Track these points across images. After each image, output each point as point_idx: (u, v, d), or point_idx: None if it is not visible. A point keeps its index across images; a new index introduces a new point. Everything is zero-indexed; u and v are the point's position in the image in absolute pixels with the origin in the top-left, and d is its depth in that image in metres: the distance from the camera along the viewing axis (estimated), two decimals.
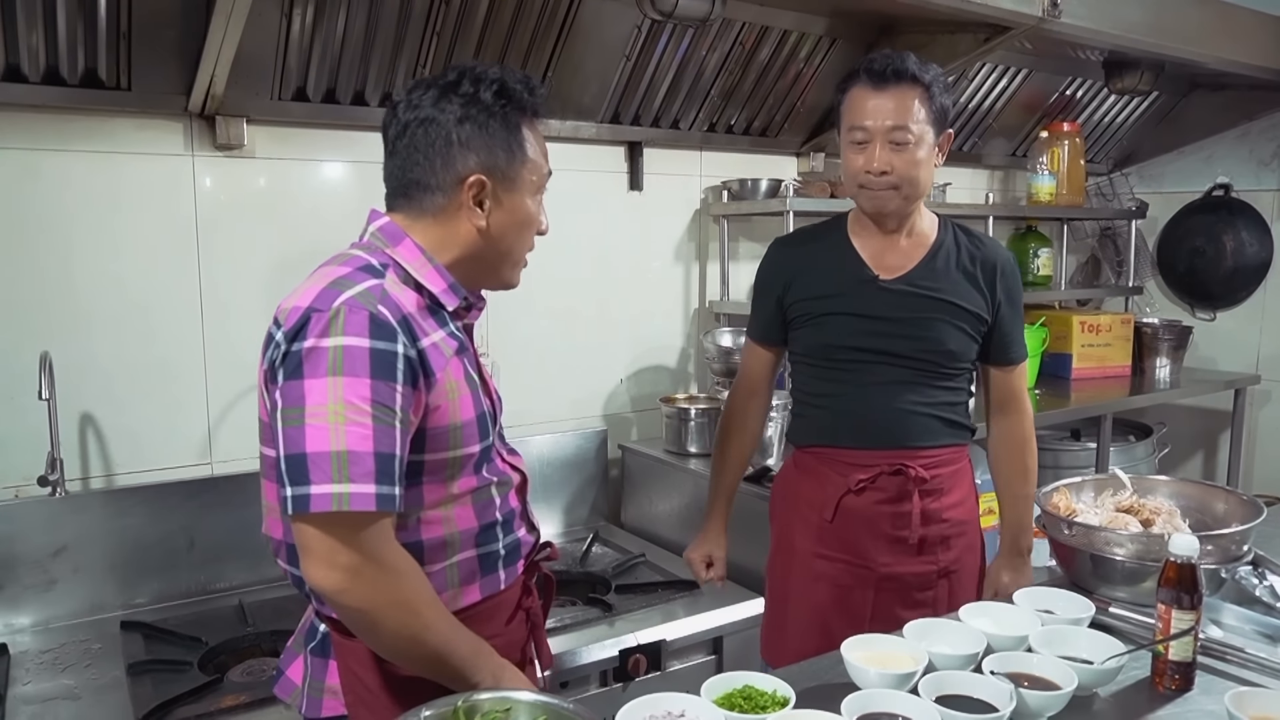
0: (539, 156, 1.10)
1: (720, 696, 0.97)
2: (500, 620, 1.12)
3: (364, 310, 0.95)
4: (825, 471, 1.55)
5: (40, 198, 1.76)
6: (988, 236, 1.61)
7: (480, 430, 1.07)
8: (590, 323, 2.45)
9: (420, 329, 1.01)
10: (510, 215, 1.08)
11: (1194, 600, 1.09)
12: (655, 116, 2.38)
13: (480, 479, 1.09)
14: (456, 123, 1.04)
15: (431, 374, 1.00)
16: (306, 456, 0.91)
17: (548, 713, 0.86)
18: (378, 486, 0.92)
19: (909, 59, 1.45)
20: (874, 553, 1.51)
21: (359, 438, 0.91)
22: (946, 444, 1.53)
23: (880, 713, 0.96)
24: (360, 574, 0.93)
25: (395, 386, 0.94)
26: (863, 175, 1.46)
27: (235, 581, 1.92)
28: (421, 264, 1.06)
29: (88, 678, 1.56)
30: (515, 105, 1.06)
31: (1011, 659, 1.08)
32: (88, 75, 1.71)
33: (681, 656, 1.80)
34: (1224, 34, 2.63)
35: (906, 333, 1.48)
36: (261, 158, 1.97)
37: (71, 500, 1.78)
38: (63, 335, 1.79)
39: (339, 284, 0.98)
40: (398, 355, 0.95)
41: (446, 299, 1.07)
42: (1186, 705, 1.09)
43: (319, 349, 0.93)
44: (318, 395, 0.92)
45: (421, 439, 1.00)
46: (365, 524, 0.93)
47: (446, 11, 1.91)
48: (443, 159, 1.04)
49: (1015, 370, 1.59)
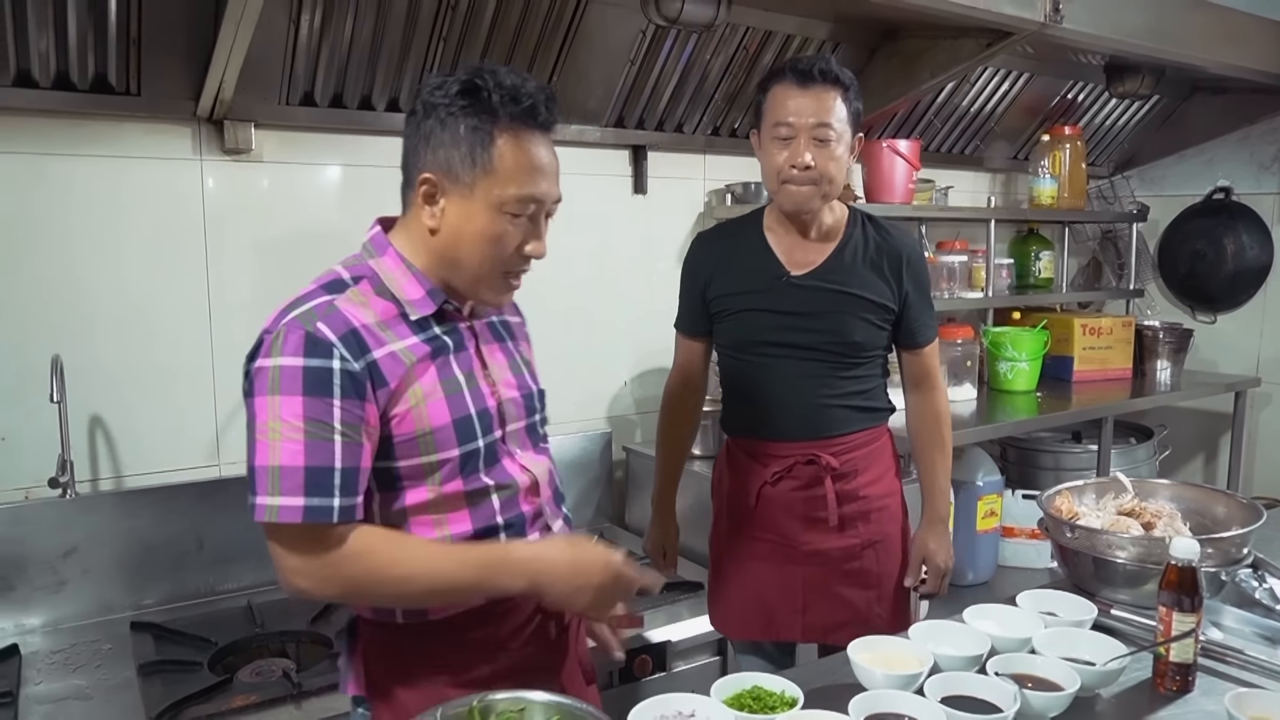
0: (512, 172, 1.03)
1: (730, 697, 0.99)
2: (514, 625, 1.12)
3: (300, 329, 0.99)
4: (748, 462, 1.65)
5: (51, 202, 1.78)
6: (895, 226, 1.67)
7: (461, 434, 1.06)
8: (595, 325, 2.46)
9: (374, 340, 1.02)
10: (464, 223, 1.05)
11: (1195, 603, 1.10)
12: (659, 120, 2.40)
13: (472, 482, 1.08)
14: (425, 116, 1.04)
15: (384, 384, 1.01)
16: (254, 470, 0.99)
17: (562, 713, 0.88)
18: (307, 499, 0.96)
19: (831, 61, 1.53)
20: (796, 534, 1.62)
21: (290, 453, 0.96)
22: (859, 429, 1.62)
23: (887, 713, 0.98)
24: (309, 574, 1.00)
25: (332, 402, 0.97)
26: (786, 170, 1.52)
27: (244, 582, 1.93)
28: (402, 274, 1.07)
29: (99, 678, 1.57)
30: (483, 109, 1.02)
31: (1015, 660, 1.10)
32: (98, 80, 1.73)
33: (686, 657, 1.82)
34: (1224, 38, 2.64)
35: (815, 326, 1.57)
36: (269, 162, 1.98)
37: (81, 502, 1.79)
38: (72, 338, 1.80)
39: (293, 304, 1.03)
40: (333, 371, 0.98)
41: (421, 306, 1.07)
42: (1187, 706, 1.10)
43: (263, 369, 0.99)
44: (261, 413, 0.98)
45: (389, 447, 1.03)
46: (306, 533, 0.98)
47: (453, 17, 1.92)
48: (414, 153, 1.06)
49: (925, 351, 1.68)
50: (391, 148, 2.05)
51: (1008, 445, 3.01)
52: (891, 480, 1.69)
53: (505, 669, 1.10)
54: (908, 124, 2.84)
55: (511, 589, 1.04)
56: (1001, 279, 2.89)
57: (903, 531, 1.70)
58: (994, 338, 2.81)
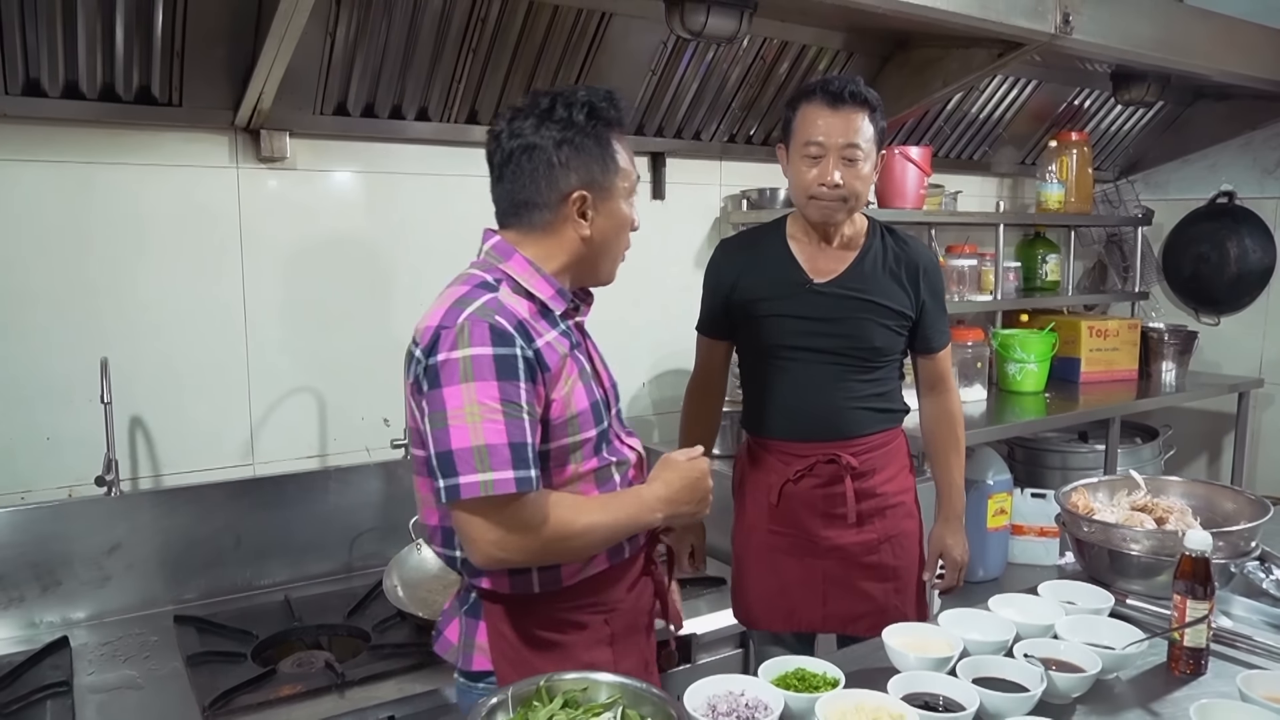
0: (629, 164, 1.22)
1: (776, 678, 1.05)
2: (625, 585, 1.25)
3: (484, 322, 1.09)
4: (770, 460, 1.72)
5: (97, 209, 1.83)
6: (912, 238, 1.74)
7: (595, 417, 1.20)
8: (613, 327, 2.48)
9: (534, 331, 1.14)
10: (610, 220, 1.21)
11: (1207, 591, 1.16)
12: (678, 128, 2.46)
13: (601, 460, 1.22)
14: (555, 146, 1.16)
15: (548, 369, 1.13)
16: (453, 453, 1.07)
17: (624, 692, 0.93)
18: (515, 471, 1.07)
19: (859, 82, 1.59)
20: (816, 529, 1.68)
21: (494, 432, 1.06)
22: (877, 431, 1.69)
23: (923, 692, 1.04)
24: (508, 544, 1.09)
25: (519, 384, 1.09)
26: (815, 188, 1.58)
27: (280, 578, 1.99)
28: (531, 274, 1.19)
29: (148, 668, 1.63)
30: (604, 122, 1.18)
31: (1040, 645, 1.16)
32: (141, 92, 1.79)
33: (710, 650, 1.87)
34: (1229, 47, 2.70)
35: (837, 331, 1.63)
36: (303, 169, 2.04)
37: (124, 500, 1.84)
38: (117, 340, 1.86)
39: (461, 302, 1.13)
40: (517, 357, 1.09)
41: (555, 303, 1.20)
42: (1200, 687, 1.17)
43: (451, 360, 1.08)
44: (455, 400, 1.07)
45: (546, 429, 1.14)
46: (508, 504, 1.08)
47: (482, 30, 1.98)
48: (547, 180, 1.17)
49: (939, 356, 1.76)
50: (421, 155, 2.16)
51: (1016, 445, 3.07)
52: (906, 477, 1.75)
53: (620, 629, 1.23)
54: (918, 131, 2.91)
55: (652, 522, 1.20)
56: (1009, 282, 2.94)
57: (917, 527, 1.76)
58: (1003, 340, 2.87)
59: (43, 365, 1.81)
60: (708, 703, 0.99)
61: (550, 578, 1.19)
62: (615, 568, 1.23)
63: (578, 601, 1.21)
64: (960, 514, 1.79)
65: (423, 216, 2.18)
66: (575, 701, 0.93)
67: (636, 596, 1.29)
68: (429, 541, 1.26)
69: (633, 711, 0.92)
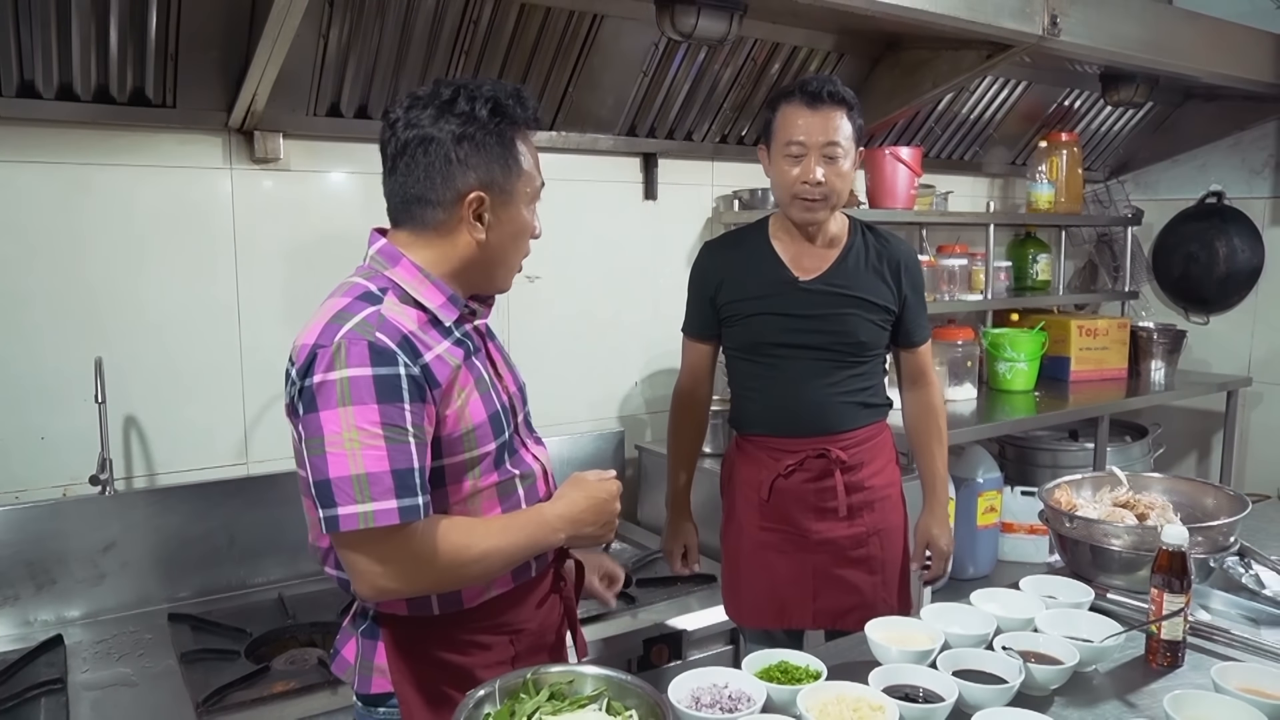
0: (533, 168, 1.15)
1: (760, 670, 1.07)
2: (532, 604, 1.21)
3: (363, 340, 1.01)
4: (760, 456, 1.73)
5: (91, 210, 1.85)
6: (892, 235, 1.77)
7: (495, 428, 1.13)
8: (606, 327, 2.53)
9: (422, 345, 1.07)
10: (508, 226, 1.13)
11: (1184, 585, 1.18)
12: (670, 129, 2.47)
13: (502, 473, 1.15)
14: (455, 141, 1.07)
15: (438, 385, 1.06)
16: (331, 483, 1.00)
17: (609, 684, 0.95)
18: (399, 500, 1.00)
19: (836, 81, 1.61)
20: (807, 523, 1.70)
21: (375, 459, 0.99)
22: (864, 425, 1.72)
23: (903, 684, 1.06)
24: (396, 576, 1.03)
25: (403, 406, 1.01)
26: (798, 186, 1.61)
27: (274, 576, 2.00)
28: (420, 282, 1.11)
29: (142, 666, 1.64)
30: (509, 120, 1.10)
31: (1020, 638, 1.18)
32: (135, 93, 1.80)
33: (701, 646, 1.89)
34: (1217, 49, 2.72)
35: (823, 328, 1.66)
36: (296, 170, 2.06)
37: (119, 499, 1.86)
38: (112, 340, 1.87)
39: (339, 317, 1.04)
40: (400, 377, 1.02)
41: (445, 312, 1.12)
42: (1177, 679, 1.19)
43: (327, 382, 1.00)
44: (333, 425, 1.00)
45: (439, 446, 1.08)
46: (393, 535, 1.01)
47: (475, 31, 2.00)
48: (443, 177, 1.08)
49: (921, 350, 1.79)
50: None
51: (1007, 443, 3.09)
52: (893, 471, 1.78)
53: (524, 650, 1.18)
54: (909, 131, 2.93)
55: (554, 542, 1.14)
56: (1000, 281, 2.97)
57: (904, 520, 1.79)
58: (993, 339, 2.89)
59: (38, 365, 1.82)
60: (691, 695, 1.01)
61: (450, 600, 1.13)
62: (521, 588, 1.18)
63: (481, 623, 1.15)
64: (945, 504, 1.82)
65: None
66: (562, 694, 0.95)
67: (544, 615, 1.24)
68: (322, 564, 1.17)
69: (618, 703, 0.93)
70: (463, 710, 0.90)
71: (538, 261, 2.42)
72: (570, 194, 2.40)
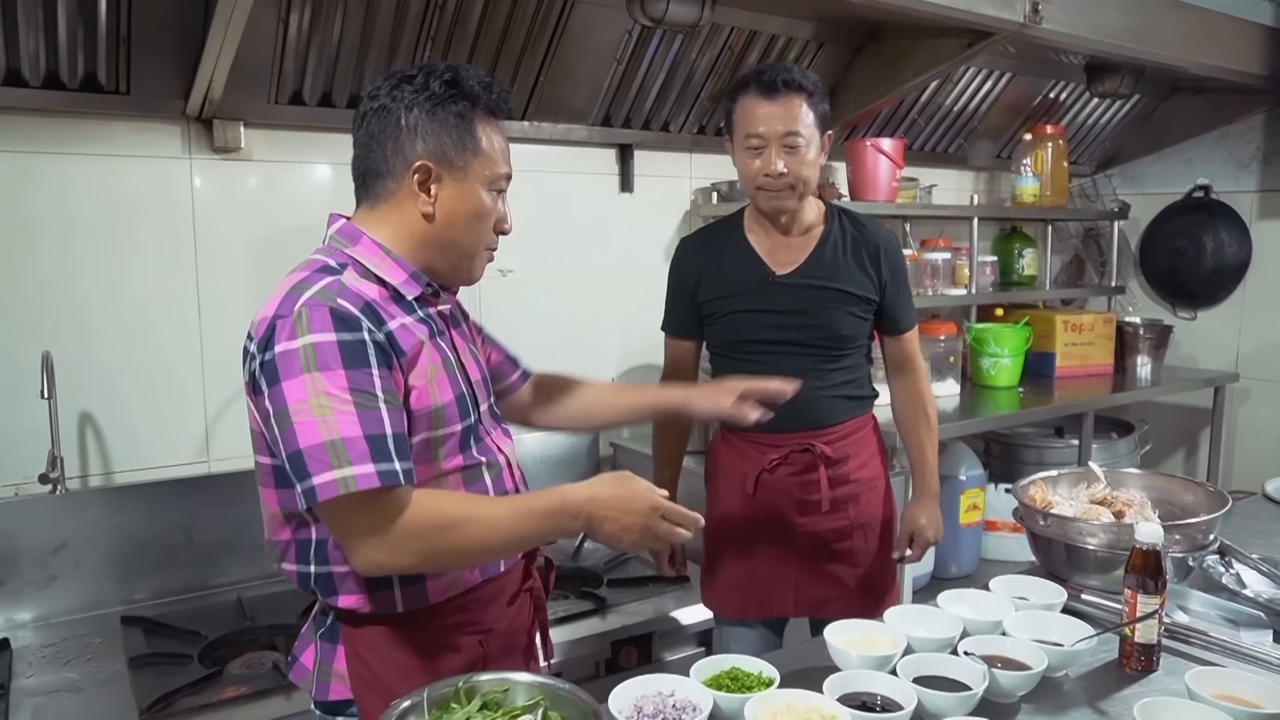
0: (494, 154, 1.11)
1: (709, 677, 1.02)
2: (502, 602, 1.16)
3: (324, 306, 0.99)
4: (745, 450, 1.70)
5: (41, 200, 1.79)
6: (870, 219, 1.74)
7: (460, 410, 1.10)
8: (582, 321, 2.49)
9: (385, 313, 1.05)
10: (459, 203, 1.09)
11: (1158, 585, 1.14)
12: (646, 119, 2.43)
13: (468, 458, 1.12)
14: (406, 109, 1.06)
15: (403, 353, 1.04)
16: (303, 453, 0.96)
17: (545, 693, 0.90)
18: (376, 464, 0.96)
19: (794, 69, 1.58)
20: (791, 516, 1.67)
21: (347, 424, 0.96)
22: (849, 418, 1.69)
23: (859, 691, 1.01)
24: (390, 546, 0.98)
25: (370, 371, 0.99)
26: (760, 178, 1.58)
27: (234, 577, 1.95)
28: (381, 259, 1.09)
29: (90, 671, 1.59)
30: (467, 98, 1.08)
31: (986, 642, 1.13)
32: (87, 79, 1.74)
33: (672, 648, 1.85)
34: (1202, 39, 2.69)
35: (803, 323, 1.63)
36: (258, 160, 2.00)
37: (71, 498, 1.80)
38: (63, 335, 1.81)
39: (298, 288, 1.02)
40: (365, 342, 0.99)
41: (408, 288, 1.09)
42: (1151, 684, 1.14)
43: (290, 351, 0.98)
44: (298, 393, 0.97)
45: (408, 420, 1.04)
46: (380, 501, 0.97)
47: (441, 16, 1.94)
48: (393, 144, 1.07)
49: (906, 337, 1.75)
50: None
51: (991, 440, 3.05)
52: (878, 464, 1.75)
53: (491, 652, 1.13)
54: (892, 123, 2.88)
55: (571, 529, 1.06)
56: (985, 276, 2.93)
57: (887, 513, 1.76)
58: (977, 334, 2.85)
59: None
60: (634, 704, 0.96)
61: (415, 595, 1.08)
62: (490, 584, 1.14)
63: (448, 621, 1.11)
64: (935, 491, 1.79)
65: None
66: (495, 703, 0.90)
67: (514, 615, 1.19)
68: (280, 560, 1.13)
69: (554, 713, 0.89)
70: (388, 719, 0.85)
71: (511, 255, 2.41)
72: (544, 186, 2.35)
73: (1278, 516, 1.86)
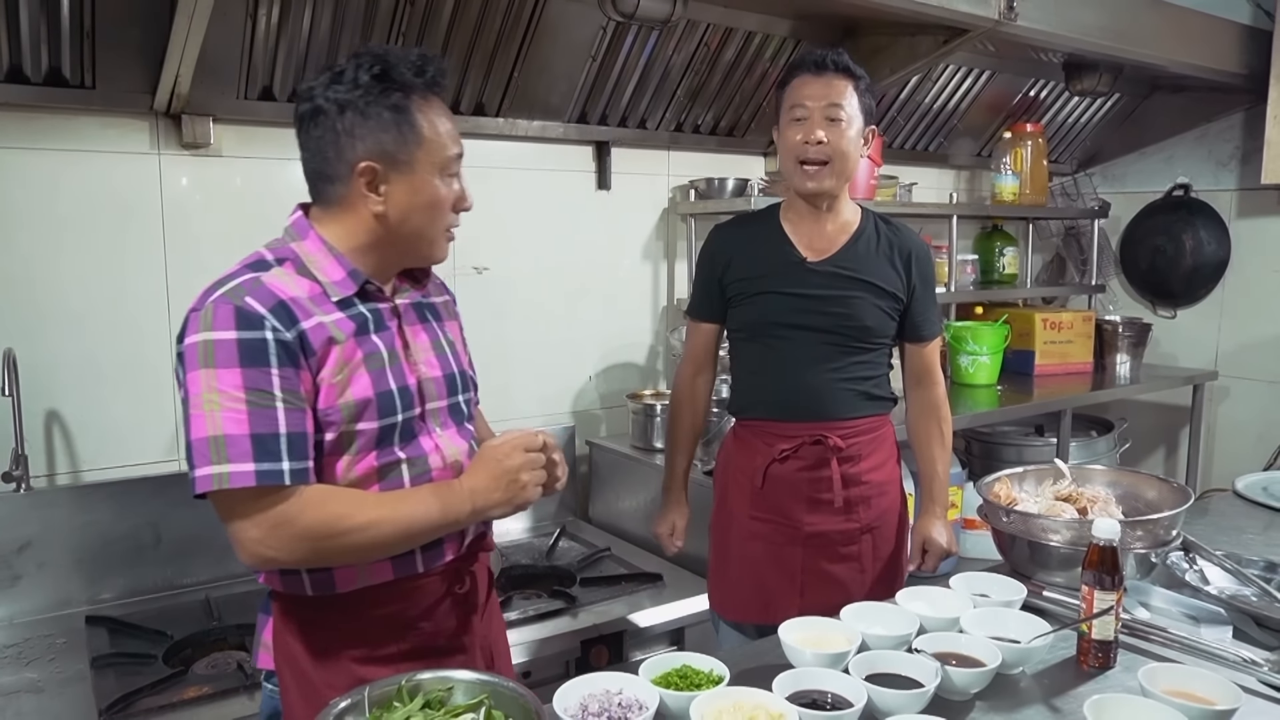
0: (438, 136, 1.09)
1: (658, 676, 1.01)
2: (425, 602, 1.14)
3: (230, 304, 1.01)
4: (755, 442, 1.69)
5: (4, 195, 1.77)
6: (904, 225, 1.73)
7: (383, 407, 1.08)
8: (559, 320, 2.48)
9: (303, 312, 1.04)
10: (412, 197, 1.09)
11: (1115, 581, 1.13)
12: (622, 116, 2.41)
13: (384, 455, 1.10)
14: (339, 112, 1.05)
15: (314, 352, 1.04)
16: (192, 444, 0.99)
17: (488, 690, 0.89)
18: (256, 464, 0.97)
19: (844, 55, 1.60)
20: (799, 514, 1.65)
21: (234, 422, 0.98)
22: (865, 415, 1.67)
23: (810, 689, 1.00)
24: (271, 542, 1.00)
25: (269, 370, 1.00)
26: (800, 148, 1.59)
27: (202, 577, 1.93)
28: (323, 256, 1.09)
29: (51, 671, 1.57)
30: (399, 86, 1.05)
31: (941, 639, 1.13)
32: (51, 74, 1.73)
33: (644, 647, 1.84)
34: (1179, 38, 2.69)
35: (829, 309, 1.62)
36: (228, 156, 1.99)
37: (36, 496, 1.79)
38: (28, 333, 1.80)
39: (218, 283, 1.04)
40: (267, 341, 1.00)
41: (341, 287, 1.09)
42: (1106, 681, 1.14)
43: (193, 345, 1.00)
44: (196, 386, 0.99)
45: (316, 419, 1.04)
46: (262, 498, 0.99)
47: (412, 11, 1.93)
48: (334, 149, 1.06)
49: (928, 346, 1.74)
50: None
51: (970, 438, 3.05)
52: (893, 468, 1.74)
53: (413, 648, 1.11)
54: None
55: (461, 514, 1.06)
56: (966, 274, 2.93)
57: (900, 519, 1.74)
58: (955, 332, 2.85)
59: None
60: (580, 703, 0.95)
61: (323, 582, 1.08)
62: (407, 581, 1.11)
63: (364, 611, 1.10)
64: (945, 507, 1.77)
65: None
66: (438, 701, 0.89)
67: (443, 617, 1.15)
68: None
69: (498, 712, 0.88)
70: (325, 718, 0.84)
71: (487, 253, 2.40)
72: (520, 183, 2.34)
73: (1248, 513, 1.86)
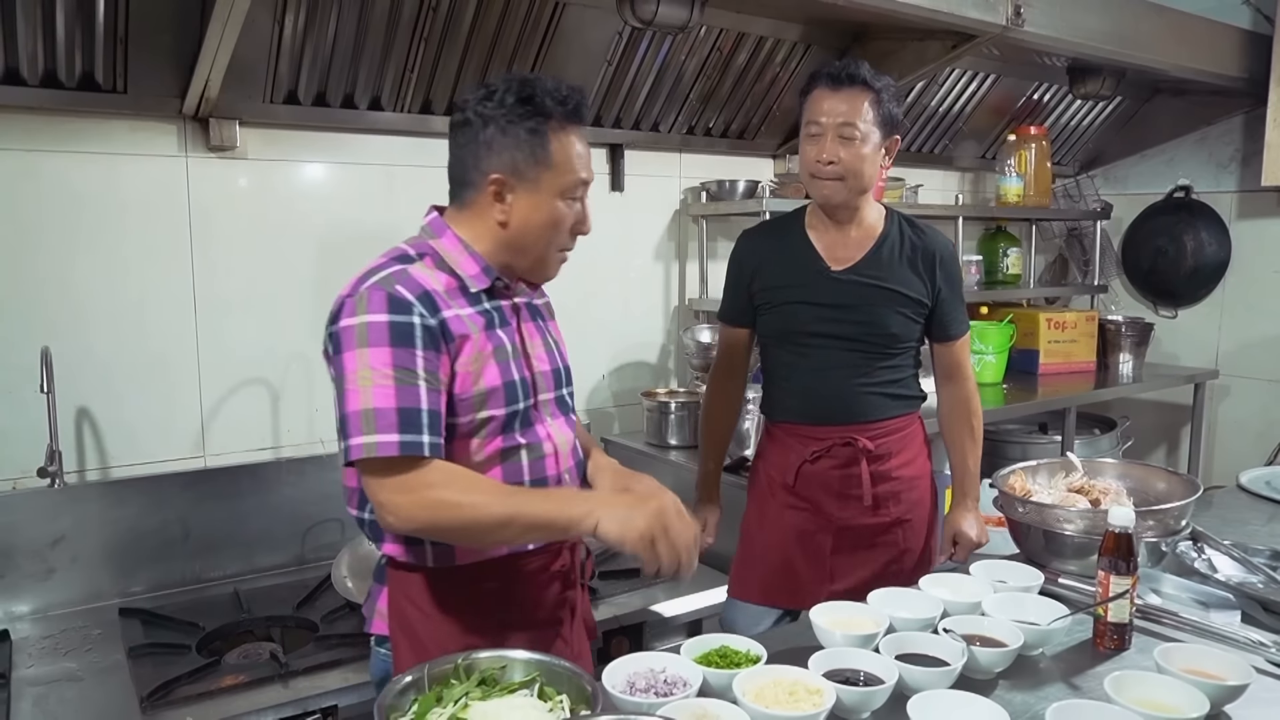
0: (567, 161, 1.19)
1: (699, 655, 1.06)
2: (530, 579, 1.23)
3: (382, 290, 1.11)
4: (788, 442, 1.73)
5: (39, 198, 1.81)
6: (929, 227, 1.76)
7: (509, 395, 1.19)
8: (573, 320, 2.47)
9: (443, 303, 1.15)
10: (532, 213, 1.19)
11: (1130, 566, 1.18)
12: (636, 119, 2.46)
13: (508, 440, 1.20)
14: (483, 124, 1.17)
15: (453, 340, 1.14)
16: (346, 416, 1.09)
17: (541, 669, 0.93)
18: (400, 435, 1.07)
19: (864, 67, 1.61)
20: (830, 508, 1.69)
21: (383, 397, 1.08)
22: (893, 416, 1.70)
23: (843, 668, 1.05)
24: (402, 508, 1.08)
25: (415, 351, 1.10)
26: (813, 164, 1.62)
27: (229, 570, 1.97)
28: (459, 252, 1.21)
29: (89, 661, 1.61)
30: (539, 112, 1.16)
31: (965, 621, 1.17)
32: (84, 78, 1.77)
33: (662, 638, 1.88)
34: (1181, 42, 2.74)
35: (854, 318, 1.65)
36: (253, 159, 2.03)
37: (69, 491, 1.82)
38: (61, 331, 1.83)
39: (369, 274, 1.15)
40: (414, 325, 1.11)
41: (478, 281, 1.20)
42: (1122, 661, 1.18)
43: (349, 327, 1.11)
44: (351, 365, 1.10)
45: (451, 402, 1.14)
46: (398, 467, 1.08)
47: (434, 18, 1.97)
48: (473, 158, 1.19)
49: (957, 344, 1.76)
50: (373, 145, 2.15)
51: None
52: (923, 463, 1.77)
53: (517, 620, 1.20)
54: None
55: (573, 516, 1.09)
56: (970, 275, 2.97)
57: (930, 512, 1.78)
58: None
59: None
60: (627, 679, 0.99)
61: (444, 554, 1.18)
62: (518, 558, 1.21)
63: (477, 585, 1.19)
64: (976, 500, 1.79)
65: (376, 207, 2.17)
66: (494, 679, 0.93)
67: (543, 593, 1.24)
68: (346, 502, 1.25)
69: (550, 689, 0.92)
70: (388, 694, 0.88)
71: None
72: None
73: (1252, 506, 1.92)
